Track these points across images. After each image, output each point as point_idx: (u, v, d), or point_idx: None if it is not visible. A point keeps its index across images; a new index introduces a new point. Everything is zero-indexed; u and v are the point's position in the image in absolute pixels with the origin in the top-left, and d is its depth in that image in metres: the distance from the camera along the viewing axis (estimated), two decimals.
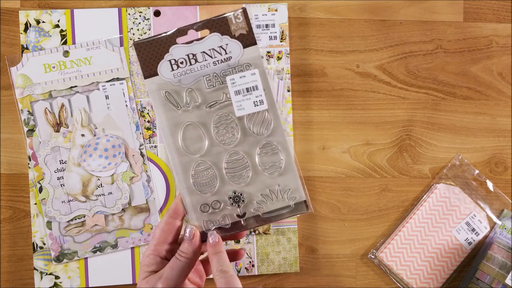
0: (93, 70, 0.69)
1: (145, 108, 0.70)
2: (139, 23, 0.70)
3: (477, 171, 0.72)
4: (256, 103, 0.53)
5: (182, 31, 0.53)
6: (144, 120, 0.70)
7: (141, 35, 0.70)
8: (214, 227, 0.52)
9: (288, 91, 0.71)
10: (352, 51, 0.73)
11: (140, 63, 0.53)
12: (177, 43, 0.52)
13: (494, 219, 0.71)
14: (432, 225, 0.70)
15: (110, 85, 0.69)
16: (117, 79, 0.69)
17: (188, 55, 0.53)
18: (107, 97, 0.69)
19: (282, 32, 0.71)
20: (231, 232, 0.52)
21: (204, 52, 0.53)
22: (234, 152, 0.53)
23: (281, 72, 0.71)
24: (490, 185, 0.72)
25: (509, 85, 0.73)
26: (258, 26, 0.71)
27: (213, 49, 0.53)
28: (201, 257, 0.55)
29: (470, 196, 0.71)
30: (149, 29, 0.70)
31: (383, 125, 0.73)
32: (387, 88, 0.73)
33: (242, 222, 0.53)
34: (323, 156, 0.72)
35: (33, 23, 0.69)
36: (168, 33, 0.52)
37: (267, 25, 0.71)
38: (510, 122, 0.73)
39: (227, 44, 0.53)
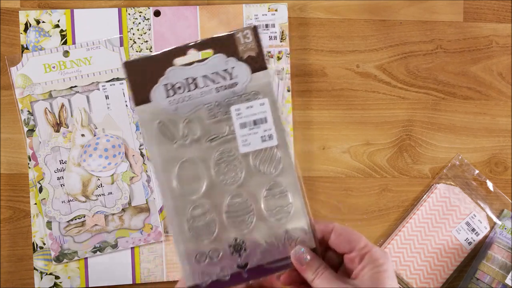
0: (93, 70, 0.69)
1: None
2: (139, 23, 0.70)
3: (477, 171, 0.72)
4: (264, 138, 0.46)
5: (180, 51, 0.45)
6: None
7: (141, 35, 0.70)
8: (210, 280, 0.46)
9: (288, 91, 0.71)
10: (352, 51, 0.73)
11: (130, 87, 0.45)
12: (174, 65, 0.45)
13: (494, 219, 0.71)
14: (432, 225, 0.70)
15: (110, 85, 0.69)
16: (117, 79, 0.69)
17: (187, 79, 0.46)
18: (107, 97, 0.69)
19: (282, 32, 0.71)
20: (230, 285, 0.46)
21: (206, 76, 0.46)
22: (237, 194, 0.47)
23: (281, 72, 0.71)
24: (490, 185, 0.72)
25: (509, 85, 0.73)
26: (258, 26, 0.71)
27: (216, 72, 0.46)
28: None
29: (470, 196, 0.71)
30: (149, 29, 0.70)
31: (383, 125, 0.73)
32: (387, 88, 0.73)
33: (244, 274, 0.46)
34: (323, 156, 0.72)
35: (33, 23, 0.69)
36: (164, 52, 0.45)
37: (267, 25, 0.71)
38: (510, 122, 0.73)
39: (233, 68, 0.46)
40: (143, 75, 0.45)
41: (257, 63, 0.46)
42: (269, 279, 0.47)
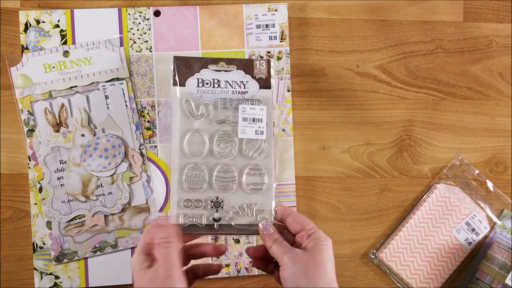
0: (93, 70, 0.69)
1: (145, 108, 0.70)
2: (139, 23, 0.70)
3: (477, 171, 0.72)
4: (257, 132, 0.61)
5: (215, 61, 0.62)
6: (144, 120, 0.70)
7: (141, 35, 0.70)
8: (189, 223, 0.58)
9: (288, 91, 0.71)
10: (352, 51, 0.73)
11: (176, 73, 0.61)
12: (207, 68, 0.62)
13: (494, 219, 0.71)
14: (432, 225, 0.70)
15: (110, 85, 0.69)
16: (117, 79, 0.69)
17: (213, 79, 0.62)
18: (107, 97, 0.69)
19: (282, 32, 0.71)
20: (203, 231, 0.58)
21: (227, 81, 0.62)
22: (227, 165, 0.60)
23: (281, 72, 0.71)
24: (490, 185, 0.72)
25: (509, 85, 0.73)
26: (258, 26, 0.71)
27: (235, 81, 0.62)
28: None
29: (470, 196, 0.71)
30: (149, 29, 0.70)
31: (383, 125, 0.73)
32: (387, 88, 0.73)
33: (215, 226, 0.58)
34: (323, 156, 0.72)
35: (33, 23, 0.69)
36: (204, 58, 0.62)
37: (267, 25, 0.71)
38: (510, 122, 0.73)
39: (247, 82, 0.62)
40: (185, 68, 0.61)
41: (265, 83, 0.62)
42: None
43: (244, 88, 0.62)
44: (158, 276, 0.50)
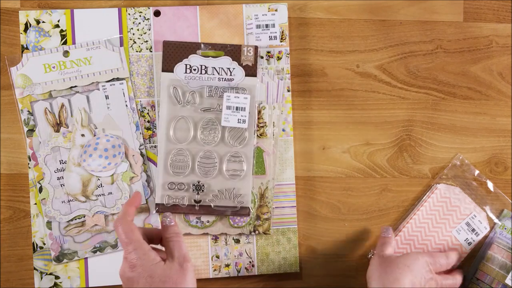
0: (93, 70, 0.69)
1: (145, 108, 0.70)
2: (139, 23, 0.70)
3: (477, 171, 0.72)
4: (239, 120, 0.65)
5: (203, 46, 0.65)
6: (144, 120, 0.70)
7: (141, 35, 0.70)
8: (172, 203, 0.65)
9: (288, 91, 0.71)
10: (352, 51, 0.73)
11: (163, 57, 0.64)
12: (196, 54, 0.65)
13: (494, 219, 0.71)
14: (432, 225, 0.70)
15: (110, 85, 0.69)
16: (117, 79, 0.69)
17: (201, 65, 0.65)
18: (107, 97, 0.69)
19: (282, 32, 0.71)
20: (185, 211, 0.65)
21: (214, 67, 0.65)
22: (210, 151, 0.65)
23: (281, 72, 0.71)
24: (490, 185, 0.72)
25: (509, 85, 0.73)
26: (258, 26, 0.71)
27: (222, 68, 0.65)
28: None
29: (470, 196, 0.71)
30: (149, 29, 0.70)
31: (383, 125, 0.73)
32: (387, 88, 0.73)
33: (196, 207, 0.65)
34: (323, 156, 0.72)
35: (33, 23, 0.69)
36: (192, 43, 0.65)
37: (267, 25, 0.71)
38: (510, 122, 0.73)
39: (234, 68, 0.65)
40: (173, 54, 0.65)
41: (251, 71, 0.65)
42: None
43: (231, 75, 0.65)
44: (178, 267, 0.54)
